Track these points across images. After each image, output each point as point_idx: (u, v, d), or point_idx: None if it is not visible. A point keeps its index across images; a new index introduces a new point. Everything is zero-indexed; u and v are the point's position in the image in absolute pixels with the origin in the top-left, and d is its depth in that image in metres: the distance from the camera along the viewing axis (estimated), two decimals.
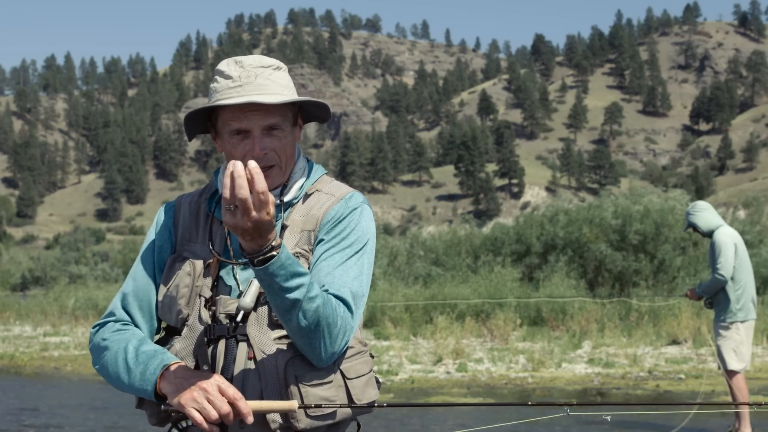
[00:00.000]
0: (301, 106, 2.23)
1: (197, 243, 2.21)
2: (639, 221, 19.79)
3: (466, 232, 23.83)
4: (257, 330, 2.08)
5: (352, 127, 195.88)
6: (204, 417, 1.92)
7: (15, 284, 50.67)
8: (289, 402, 2.00)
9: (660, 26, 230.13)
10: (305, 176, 2.25)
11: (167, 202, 2.33)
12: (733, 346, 7.11)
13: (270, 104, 2.10)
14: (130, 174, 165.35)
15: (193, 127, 2.22)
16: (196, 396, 1.93)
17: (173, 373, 2.00)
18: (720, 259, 7.05)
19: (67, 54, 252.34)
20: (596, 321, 16.06)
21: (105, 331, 2.18)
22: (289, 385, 2.05)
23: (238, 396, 1.94)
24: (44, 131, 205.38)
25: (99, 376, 3.40)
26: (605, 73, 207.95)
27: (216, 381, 1.95)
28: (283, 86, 2.16)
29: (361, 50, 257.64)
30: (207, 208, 2.24)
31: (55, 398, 10.46)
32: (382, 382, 2.16)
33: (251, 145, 2.11)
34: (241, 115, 2.10)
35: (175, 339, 2.15)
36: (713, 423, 8.12)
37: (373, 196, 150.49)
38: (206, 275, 2.15)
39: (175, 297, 2.15)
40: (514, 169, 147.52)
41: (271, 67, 2.17)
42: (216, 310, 2.12)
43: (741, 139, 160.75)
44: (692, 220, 7.27)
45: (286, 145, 2.16)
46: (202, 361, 2.10)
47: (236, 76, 2.12)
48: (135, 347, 2.09)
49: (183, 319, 2.14)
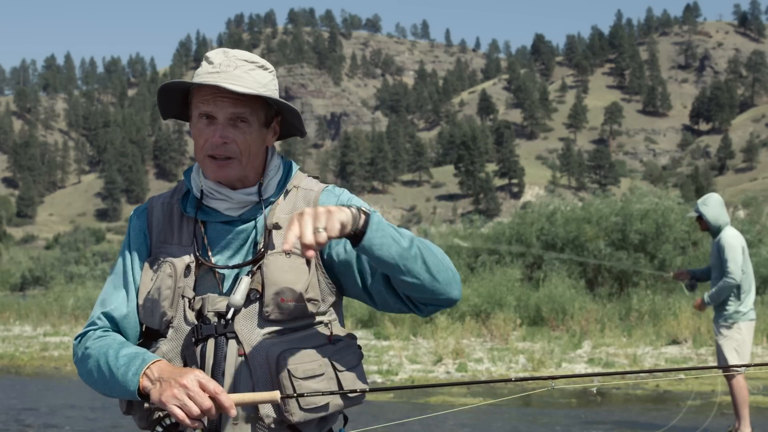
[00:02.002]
0: (281, 113, 2.22)
1: (173, 244, 2.19)
2: (639, 221, 19.81)
3: (466, 231, 23.83)
4: (247, 327, 2.08)
5: (352, 127, 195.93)
6: (186, 413, 1.91)
7: (15, 284, 50.71)
8: (270, 393, 2.00)
9: (660, 26, 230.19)
10: (280, 173, 2.23)
11: (138, 206, 2.32)
12: (735, 346, 7.11)
13: (236, 94, 2.08)
14: (130, 174, 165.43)
15: (169, 108, 2.23)
16: (176, 393, 1.92)
17: (154, 371, 2.00)
18: (729, 264, 7.05)
19: (67, 54, 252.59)
20: (596, 321, 16.07)
21: (87, 339, 2.17)
22: (281, 380, 2.05)
23: (219, 390, 1.94)
24: (44, 131, 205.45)
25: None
26: (605, 73, 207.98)
27: (196, 376, 1.94)
28: (261, 84, 2.13)
29: (361, 50, 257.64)
30: (181, 209, 2.22)
31: (55, 398, 10.45)
32: (381, 382, 2.31)
33: (213, 132, 2.10)
34: (210, 99, 2.09)
35: (160, 341, 2.14)
36: (713, 423, 8.12)
37: (373, 196, 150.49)
38: (187, 275, 2.13)
39: (157, 300, 2.13)
40: (514, 169, 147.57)
41: (255, 64, 2.15)
42: (202, 309, 2.11)
43: (741, 139, 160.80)
44: (702, 210, 7.25)
45: (250, 141, 2.12)
46: (191, 361, 2.09)
47: (217, 63, 2.12)
48: (116, 350, 2.08)
49: (167, 321, 2.13)
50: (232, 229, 2.16)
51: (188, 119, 2.22)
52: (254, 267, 2.11)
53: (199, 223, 2.19)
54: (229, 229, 2.16)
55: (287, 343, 2.08)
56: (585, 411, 9.13)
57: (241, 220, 2.16)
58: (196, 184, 2.21)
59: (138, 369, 2.01)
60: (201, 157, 2.14)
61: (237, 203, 2.15)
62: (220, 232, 2.17)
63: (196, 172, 2.22)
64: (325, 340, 2.14)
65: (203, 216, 2.18)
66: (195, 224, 2.19)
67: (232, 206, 2.16)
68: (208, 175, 2.14)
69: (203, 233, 2.18)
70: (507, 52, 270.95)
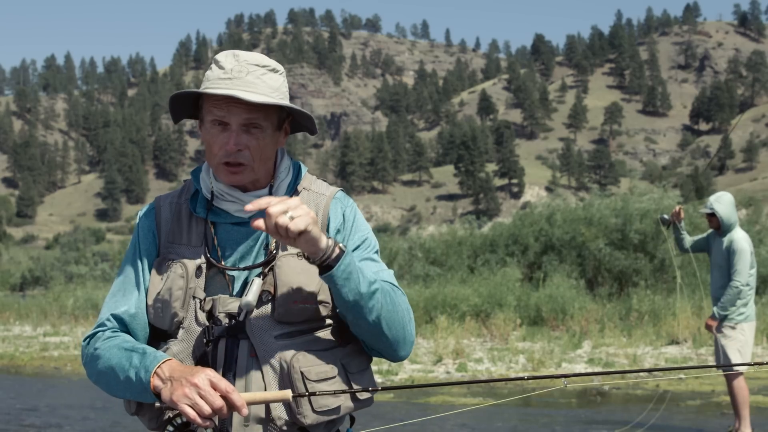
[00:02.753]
0: (292, 113, 2.22)
1: (183, 245, 2.17)
2: (639, 221, 19.80)
3: (466, 232, 23.84)
4: (258, 328, 2.07)
5: (352, 127, 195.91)
6: (197, 413, 1.90)
7: (15, 284, 50.71)
8: (282, 392, 1.99)
9: (660, 26, 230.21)
10: (290, 175, 2.23)
11: (146, 205, 2.30)
12: (738, 347, 7.11)
13: (251, 103, 2.08)
14: (130, 174, 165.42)
15: (180, 111, 2.22)
16: (187, 392, 1.91)
17: (165, 370, 1.98)
18: (738, 267, 7.07)
19: (67, 54, 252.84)
20: (596, 321, 16.07)
21: (96, 341, 2.15)
22: (294, 382, 2.04)
23: (230, 389, 1.93)
24: (44, 131, 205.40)
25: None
26: (605, 73, 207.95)
27: (207, 375, 1.93)
28: (273, 89, 2.13)
29: (361, 50, 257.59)
30: (191, 209, 2.20)
31: (55, 398, 10.45)
32: (381, 382, 2.31)
33: (227, 139, 2.09)
34: (223, 105, 2.09)
35: (170, 342, 2.13)
36: (713, 423, 8.12)
37: (373, 196, 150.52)
38: (198, 276, 2.12)
39: (168, 300, 2.11)
40: (514, 169, 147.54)
41: (267, 68, 2.14)
42: (213, 310, 2.10)
43: (741, 139, 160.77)
44: (716, 208, 7.26)
45: (264, 146, 2.12)
46: (202, 362, 2.08)
47: (228, 68, 2.11)
48: (126, 351, 2.06)
49: (178, 322, 2.11)
50: (242, 230, 2.15)
51: (198, 118, 2.22)
52: (265, 269, 2.09)
53: (209, 224, 2.17)
54: (240, 230, 2.15)
55: (299, 345, 2.08)
56: (585, 411, 9.13)
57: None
58: (206, 185, 2.19)
59: (149, 368, 2.00)
60: (215, 164, 2.12)
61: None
62: (230, 233, 2.16)
63: (206, 173, 2.20)
64: (335, 342, 2.13)
65: (214, 217, 2.16)
66: (205, 225, 2.17)
67: (242, 208, 2.14)
68: (222, 180, 2.13)
69: (213, 234, 2.16)
70: (507, 52, 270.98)
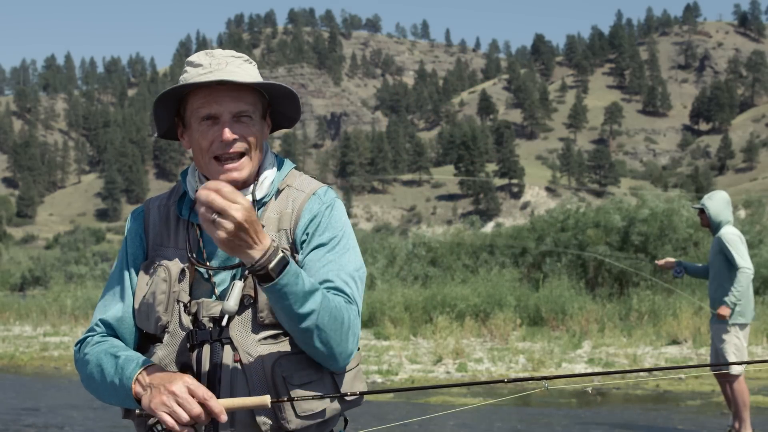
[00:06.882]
0: (271, 108, 2.20)
1: (169, 247, 2.16)
2: (643, 223, 19.81)
3: (466, 232, 23.85)
4: (242, 332, 2.05)
5: (352, 127, 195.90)
6: (175, 420, 1.90)
7: (15, 284, 50.65)
8: (261, 398, 1.96)
9: (660, 26, 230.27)
10: (275, 171, 2.20)
11: (135, 209, 2.28)
12: (734, 350, 7.11)
13: (241, 86, 2.07)
14: (130, 174, 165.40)
15: (164, 121, 2.18)
16: (165, 400, 1.90)
17: (145, 377, 1.98)
18: (736, 255, 7.04)
19: (67, 54, 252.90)
20: (596, 321, 16.06)
21: (86, 346, 2.15)
22: (278, 387, 2.02)
23: (208, 395, 1.91)
24: (44, 131, 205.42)
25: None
26: (605, 73, 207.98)
27: (185, 383, 1.92)
28: (253, 77, 2.12)
29: (361, 50, 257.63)
30: (177, 211, 2.19)
31: (55, 398, 10.45)
32: (381, 382, 2.27)
33: (220, 131, 2.06)
34: (211, 99, 2.07)
35: (156, 347, 2.11)
36: (713, 423, 8.12)
37: (373, 196, 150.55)
38: (181, 280, 2.10)
39: (152, 304, 2.09)
40: (514, 169, 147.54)
41: (242, 59, 2.14)
42: (198, 314, 2.08)
43: (741, 139, 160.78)
44: (706, 204, 7.27)
45: (256, 134, 2.10)
46: (187, 367, 2.06)
47: (207, 64, 2.09)
48: (113, 355, 2.06)
49: (163, 326, 2.10)
50: None
51: (177, 137, 2.19)
52: (246, 271, 2.02)
53: (194, 226, 2.15)
54: None
55: (282, 349, 2.05)
56: (585, 411, 9.13)
57: None
58: (191, 186, 2.17)
59: (131, 374, 2.00)
60: (206, 161, 2.09)
61: None
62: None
63: (192, 175, 2.18)
64: None
65: (197, 218, 2.11)
66: (188, 226, 2.16)
67: None
68: (216, 177, 2.08)
69: (199, 236, 2.14)
70: (507, 52, 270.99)
